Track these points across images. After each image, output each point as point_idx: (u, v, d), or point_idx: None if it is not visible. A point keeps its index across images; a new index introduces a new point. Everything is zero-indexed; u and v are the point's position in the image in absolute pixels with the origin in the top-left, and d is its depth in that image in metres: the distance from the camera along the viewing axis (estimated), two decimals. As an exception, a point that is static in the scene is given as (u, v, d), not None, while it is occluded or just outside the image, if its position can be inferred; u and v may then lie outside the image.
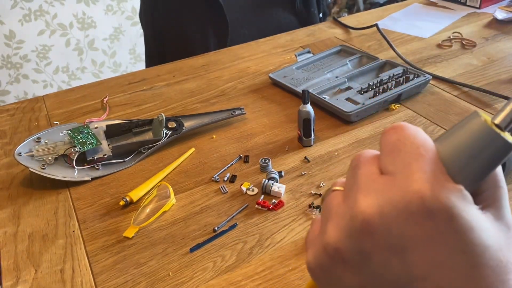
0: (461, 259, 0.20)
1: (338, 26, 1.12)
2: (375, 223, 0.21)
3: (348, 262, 0.22)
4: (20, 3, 2.04)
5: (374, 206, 0.21)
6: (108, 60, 2.33)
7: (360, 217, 0.21)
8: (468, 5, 1.16)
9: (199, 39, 1.13)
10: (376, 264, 0.21)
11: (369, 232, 0.21)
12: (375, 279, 0.22)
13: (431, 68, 0.89)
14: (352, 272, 0.22)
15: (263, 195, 0.61)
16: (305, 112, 0.67)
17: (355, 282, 0.22)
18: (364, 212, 0.21)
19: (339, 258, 0.22)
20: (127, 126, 0.72)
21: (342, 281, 0.23)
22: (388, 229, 0.20)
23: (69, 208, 0.62)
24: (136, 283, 0.51)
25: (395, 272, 0.21)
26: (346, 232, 0.22)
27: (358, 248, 0.22)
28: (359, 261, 0.22)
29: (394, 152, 0.22)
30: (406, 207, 0.20)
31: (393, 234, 0.20)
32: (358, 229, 0.21)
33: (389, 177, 0.21)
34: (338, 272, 0.23)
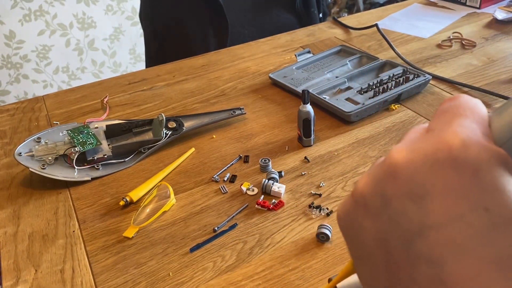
0: (482, 216, 0.19)
1: (338, 26, 1.12)
2: (401, 167, 0.21)
3: (369, 207, 0.22)
4: (20, 3, 2.04)
5: (403, 152, 0.21)
6: (108, 60, 2.33)
7: (388, 162, 0.21)
8: (468, 5, 1.16)
9: (199, 39, 1.13)
10: (394, 210, 0.21)
11: (393, 176, 0.21)
12: (391, 227, 0.21)
13: (431, 68, 0.89)
14: (372, 218, 0.22)
15: (263, 195, 0.61)
16: (305, 112, 0.67)
17: (373, 230, 0.22)
18: (392, 157, 0.21)
19: (363, 203, 0.23)
20: (127, 126, 0.72)
21: (362, 230, 0.23)
22: (411, 174, 0.20)
23: (69, 208, 0.62)
24: (136, 283, 0.51)
25: (410, 218, 0.21)
26: (373, 177, 0.22)
27: (381, 192, 0.22)
28: (379, 206, 0.22)
29: (442, 114, 0.22)
30: (434, 154, 0.20)
31: (415, 180, 0.20)
32: (384, 173, 0.21)
33: (428, 132, 0.22)
34: (360, 218, 0.23)
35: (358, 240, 0.24)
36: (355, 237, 0.24)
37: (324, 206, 0.58)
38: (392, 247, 0.22)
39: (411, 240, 0.21)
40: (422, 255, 0.20)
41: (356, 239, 0.24)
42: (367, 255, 0.23)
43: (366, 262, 0.24)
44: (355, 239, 0.24)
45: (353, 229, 0.24)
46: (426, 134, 0.22)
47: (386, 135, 0.71)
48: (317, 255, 0.52)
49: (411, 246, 0.21)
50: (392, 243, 0.22)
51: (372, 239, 0.23)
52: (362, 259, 0.24)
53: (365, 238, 0.23)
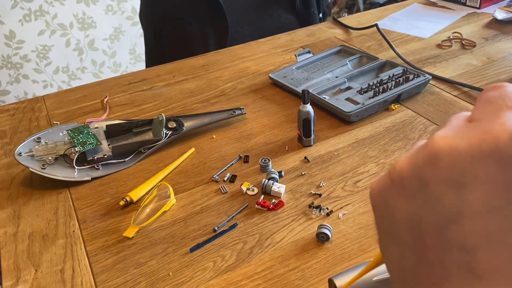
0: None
1: (338, 26, 1.12)
2: (443, 154, 0.21)
3: (406, 188, 0.23)
4: (20, 3, 2.04)
5: (448, 139, 0.21)
6: (108, 60, 2.33)
7: (430, 147, 0.21)
8: (468, 5, 1.16)
9: (199, 39, 1.13)
10: (431, 194, 0.21)
11: (434, 161, 0.21)
12: (425, 210, 0.22)
13: (431, 68, 0.89)
14: (407, 199, 0.23)
15: (263, 195, 0.61)
16: (305, 112, 0.67)
17: (407, 211, 0.23)
18: (436, 143, 0.21)
19: (399, 183, 0.23)
20: (127, 126, 0.72)
21: (395, 209, 0.23)
22: (453, 162, 0.21)
23: (69, 208, 0.62)
24: (136, 283, 0.51)
25: (446, 205, 0.21)
26: (413, 160, 0.22)
27: (419, 175, 0.22)
28: (416, 188, 0.22)
29: (486, 104, 0.22)
30: (479, 145, 0.20)
31: (457, 168, 0.20)
32: (424, 157, 0.22)
33: (473, 122, 0.22)
34: (394, 198, 0.23)
35: (390, 219, 0.24)
36: (386, 216, 0.24)
37: (324, 206, 0.58)
38: (424, 230, 0.22)
39: (445, 225, 0.21)
40: (454, 241, 0.21)
41: (388, 217, 0.24)
42: (397, 234, 0.24)
43: (395, 241, 0.24)
44: (386, 217, 0.24)
45: (386, 207, 0.24)
46: (470, 123, 0.22)
47: (386, 135, 0.71)
48: (317, 255, 0.52)
49: (444, 231, 0.21)
50: (424, 226, 0.22)
51: (404, 219, 0.23)
52: (391, 237, 0.24)
53: (397, 218, 0.23)
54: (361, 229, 0.55)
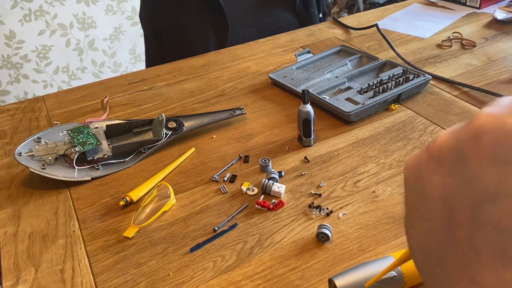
0: None
1: (338, 26, 1.12)
2: (488, 129, 0.20)
3: (444, 163, 0.22)
4: (20, 3, 2.04)
5: (494, 115, 0.20)
6: (108, 60, 2.33)
7: (475, 122, 0.21)
8: (468, 5, 1.16)
9: (199, 39, 1.13)
10: (470, 169, 0.21)
11: (477, 136, 0.20)
12: (462, 186, 0.21)
13: (431, 68, 0.89)
14: (443, 174, 0.22)
15: (263, 195, 0.61)
16: (305, 112, 0.67)
17: (442, 186, 0.22)
18: (481, 119, 0.21)
19: (438, 157, 0.22)
20: (127, 126, 0.72)
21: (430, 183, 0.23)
22: (498, 138, 0.20)
23: (69, 208, 0.62)
24: (136, 283, 0.51)
25: (486, 182, 0.20)
26: (455, 135, 0.22)
27: (460, 150, 0.21)
28: (455, 163, 0.21)
29: None
30: None
31: (501, 144, 0.20)
32: (467, 132, 0.21)
33: None
34: (430, 172, 0.23)
35: (422, 193, 0.23)
36: (419, 190, 0.24)
37: (324, 206, 0.58)
38: (458, 206, 0.21)
39: (481, 203, 0.20)
40: (489, 220, 0.20)
41: (421, 191, 0.24)
42: (427, 209, 0.23)
43: (424, 216, 0.23)
44: (419, 191, 0.24)
45: (420, 181, 0.23)
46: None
47: (386, 135, 0.71)
48: (317, 255, 0.52)
49: (479, 209, 0.20)
50: (459, 202, 0.21)
51: (438, 194, 0.22)
52: (420, 213, 0.24)
53: (430, 193, 0.23)
54: (361, 229, 0.55)
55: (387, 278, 0.45)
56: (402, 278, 0.45)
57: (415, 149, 0.68)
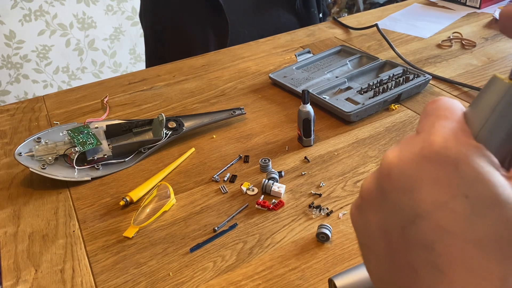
0: (463, 203, 0.21)
1: (338, 26, 1.12)
2: (393, 165, 0.24)
3: (372, 202, 0.26)
4: (20, 3, 2.04)
5: (395, 152, 0.24)
6: (108, 60, 2.33)
7: (383, 162, 0.25)
8: (468, 5, 1.16)
9: (199, 39, 1.13)
10: (391, 202, 0.24)
11: (388, 173, 0.24)
12: (389, 217, 0.24)
13: (431, 68, 0.89)
14: (375, 211, 0.25)
15: (263, 195, 0.61)
16: (305, 112, 0.67)
17: (376, 221, 0.26)
18: (387, 157, 0.25)
19: (367, 198, 0.26)
20: (127, 126, 0.72)
21: (368, 222, 0.26)
22: (402, 170, 0.23)
23: (69, 208, 0.62)
24: (136, 283, 0.51)
25: (403, 208, 0.23)
26: (374, 176, 0.26)
27: (380, 188, 0.25)
28: (380, 200, 0.25)
29: (425, 117, 0.25)
30: (420, 152, 0.23)
31: (406, 174, 0.23)
32: (381, 172, 0.25)
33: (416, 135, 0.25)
34: (366, 212, 0.26)
35: (365, 232, 0.27)
36: (362, 229, 0.27)
37: (324, 206, 0.58)
38: (391, 235, 0.24)
39: (405, 227, 0.23)
40: (415, 240, 0.23)
41: (364, 231, 0.27)
42: (372, 244, 0.26)
43: (372, 251, 0.27)
44: (363, 231, 0.27)
45: (361, 222, 0.27)
46: (414, 136, 0.25)
47: (386, 135, 0.71)
48: (317, 255, 0.52)
49: (405, 233, 0.23)
50: (390, 231, 0.24)
51: (375, 229, 0.26)
52: (368, 248, 0.27)
53: (370, 229, 0.26)
54: (361, 229, 0.55)
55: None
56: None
57: (415, 149, 0.68)
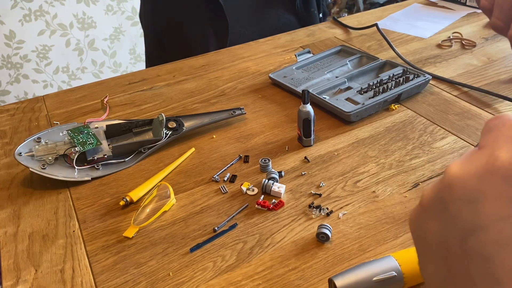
0: None
1: (338, 26, 1.12)
2: (455, 177, 0.25)
3: (433, 211, 0.27)
4: (20, 3, 2.04)
5: (458, 165, 0.25)
6: (108, 60, 2.33)
7: (446, 174, 0.26)
8: (468, 5, 1.16)
9: (199, 39, 1.13)
10: (451, 213, 0.25)
11: (450, 185, 0.25)
12: (448, 227, 0.25)
13: (431, 68, 0.89)
14: (434, 220, 0.26)
15: (263, 195, 0.61)
16: (305, 112, 0.67)
17: (435, 230, 0.26)
18: (450, 170, 0.25)
19: (427, 207, 0.27)
20: (127, 126, 0.72)
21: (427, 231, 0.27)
22: (465, 183, 0.24)
23: (69, 208, 0.62)
24: (136, 283, 0.51)
25: (464, 220, 0.24)
26: (435, 187, 0.27)
27: (441, 198, 0.26)
28: (440, 210, 0.26)
29: (488, 133, 0.26)
30: (484, 167, 0.24)
31: (468, 187, 0.24)
32: (442, 183, 0.26)
33: (479, 150, 0.26)
34: (425, 221, 0.27)
35: (424, 240, 0.28)
36: (421, 237, 0.28)
37: (324, 206, 0.58)
38: (450, 245, 0.25)
39: (465, 238, 0.24)
40: (475, 251, 0.24)
41: (422, 239, 0.28)
42: (430, 252, 0.27)
43: (429, 259, 0.27)
44: (421, 239, 0.28)
45: (420, 230, 0.28)
46: (477, 151, 0.26)
47: (386, 135, 0.71)
48: (317, 255, 0.52)
49: (465, 244, 0.24)
50: (450, 241, 0.25)
51: (434, 238, 0.27)
52: (426, 257, 0.28)
53: (429, 238, 0.27)
54: (361, 229, 0.55)
55: (387, 278, 0.45)
56: (402, 278, 0.45)
57: (415, 149, 0.68)
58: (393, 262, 0.46)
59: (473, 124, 0.72)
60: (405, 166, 0.65)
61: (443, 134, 0.71)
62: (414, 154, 0.67)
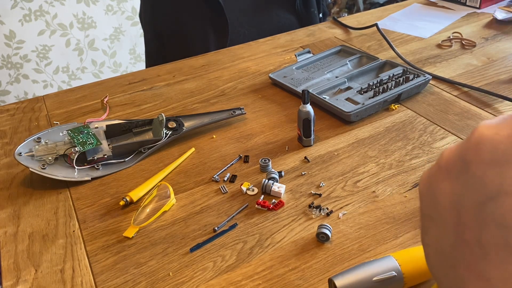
0: None
1: (338, 26, 1.12)
2: (486, 138, 0.23)
3: (449, 171, 0.25)
4: (20, 3, 2.04)
5: (490, 126, 0.23)
6: (108, 60, 2.33)
7: (476, 133, 0.24)
8: (468, 5, 1.16)
9: (199, 39, 1.13)
10: (473, 174, 0.23)
11: (477, 145, 0.23)
12: (466, 189, 0.24)
13: (431, 68, 0.89)
14: (451, 181, 0.25)
15: (263, 195, 0.61)
16: (305, 112, 0.67)
17: (449, 192, 0.25)
18: (480, 129, 0.23)
19: (445, 167, 0.25)
20: (127, 126, 0.72)
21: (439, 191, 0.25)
22: (496, 144, 0.22)
23: (69, 208, 0.62)
24: (136, 283, 0.51)
25: (487, 182, 0.22)
26: (459, 146, 0.25)
27: (463, 158, 0.24)
28: (459, 170, 0.24)
29: None
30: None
31: (499, 149, 0.22)
32: (469, 142, 0.24)
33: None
34: (439, 181, 0.25)
35: (433, 201, 0.26)
36: (431, 198, 0.26)
37: (324, 206, 0.58)
38: (464, 209, 0.24)
39: (484, 203, 0.22)
40: (493, 218, 0.22)
41: (432, 200, 0.26)
42: (439, 215, 0.25)
43: (436, 222, 0.26)
44: (430, 200, 0.26)
45: (431, 190, 0.26)
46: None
47: (386, 135, 0.71)
48: (317, 255, 0.52)
49: (483, 209, 0.22)
50: (464, 204, 0.24)
51: (446, 200, 0.25)
52: (432, 219, 0.26)
53: (440, 199, 0.25)
54: (361, 229, 0.55)
55: (387, 278, 0.45)
56: (402, 278, 0.45)
57: (415, 149, 0.68)
58: (393, 262, 0.46)
59: (473, 124, 0.72)
60: (405, 166, 0.65)
61: (443, 134, 0.71)
62: (414, 154, 0.67)
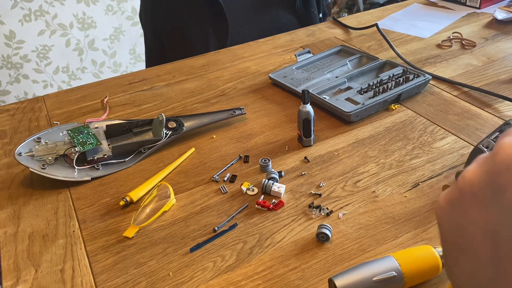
0: None
1: (338, 26, 1.12)
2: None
3: (477, 197, 0.22)
4: (20, 3, 2.04)
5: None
6: (108, 60, 2.33)
7: (502, 153, 0.20)
8: (468, 5, 1.16)
9: (199, 39, 1.13)
10: (508, 200, 0.20)
11: (508, 166, 0.20)
12: (503, 218, 0.21)
13: (431, 68, 0.89)
14: (480, 208, 0.22)
15: (263, 195, 0.61)
16: (305, 112, 0.67)
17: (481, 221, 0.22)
18: (507, 147, 0.20)
19: (470, 192, 0.22)
20: (127, 126, 0.72)
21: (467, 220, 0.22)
22: None
23: (69, 208, 0.62)
24: (136, 283, 0.51)
25: None
26: (484, 168, 0.21)
27: (493, 182, 0.21)
28: (490, 195, 0.21)
29: None
30: None
31: None
32: (497, 163, 0.21)
33: None
34: (465, 208, 0.22)
35: (461, 230, 0.23)
36: (457, 227, 0.23)
37: (324, 206, 0.58)
38: (503, 240, 0.21)
39: None
40: None
41: (459, 229, 0.23)
42: (470, 246, 0.22)
43: (468, 255, 0.23)
44: (457, 229, 0.23)
45: (456, 219, 0.23)
46: None
47: (386, 135, 0.71)
48: (317, 255, 0.52)
49: None
50: (503, 235, 0.21)
51: (478, 230, 0.22)
52: (462, 250, 0.23)
53: (470, 229, 0.22)
54: (361, 229, 0.55)
55: (387, 278, 0.45)
56: (402, 278, 0.45)
57: (415, 149, 0.68)
58: (393, 262, 0.46)
59: (473, 124, 0.72)
60: (405, 166, 0.65)
61: (443, 134, 0.71)
62: (414, 154, 0.67)
